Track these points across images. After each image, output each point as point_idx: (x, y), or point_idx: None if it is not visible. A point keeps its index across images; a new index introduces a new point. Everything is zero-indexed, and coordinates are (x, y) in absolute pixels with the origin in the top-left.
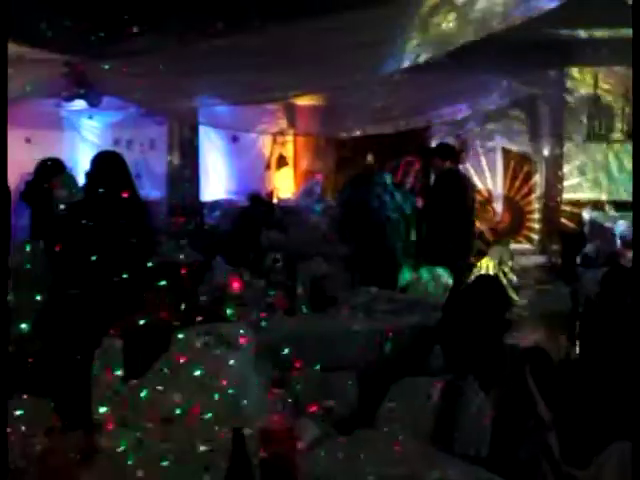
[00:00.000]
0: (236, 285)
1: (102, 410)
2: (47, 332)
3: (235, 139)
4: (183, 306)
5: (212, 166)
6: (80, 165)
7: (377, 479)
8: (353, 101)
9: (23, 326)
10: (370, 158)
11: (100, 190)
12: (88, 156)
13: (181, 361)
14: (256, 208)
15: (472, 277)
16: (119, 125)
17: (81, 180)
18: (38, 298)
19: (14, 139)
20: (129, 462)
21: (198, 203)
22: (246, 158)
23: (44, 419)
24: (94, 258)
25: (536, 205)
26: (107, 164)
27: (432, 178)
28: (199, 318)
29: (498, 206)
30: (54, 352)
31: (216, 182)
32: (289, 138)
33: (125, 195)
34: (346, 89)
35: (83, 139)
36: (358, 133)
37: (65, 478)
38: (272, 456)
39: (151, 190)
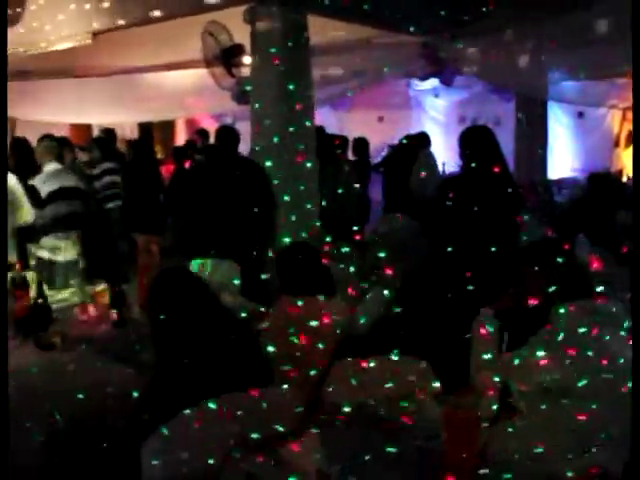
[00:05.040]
0: (596, 264)
1: (481, 377)
2: (410, 299)
3: (581, 115)
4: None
5: (557, 142)
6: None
7: None
8: None
9: (385, 292)
10: None
11: (473, 165)
12: (433, 133)
13: (561, 336)
14: (597, 189)
15: None
16: (465, 103)
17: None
18: (404, 267)
19: (368, 118)
20: (510, 430)
21: (546, 180)
22: (592, 135)
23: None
24: (472, 233)
25: None
26: (481, 139)
27: None
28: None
29: None
30: (423, 318)
31: (561, 159)
32: None
33: (497, 170)
34: None
35: (429, 117)
36: None
37: (468, 437)
38: None
39: None
